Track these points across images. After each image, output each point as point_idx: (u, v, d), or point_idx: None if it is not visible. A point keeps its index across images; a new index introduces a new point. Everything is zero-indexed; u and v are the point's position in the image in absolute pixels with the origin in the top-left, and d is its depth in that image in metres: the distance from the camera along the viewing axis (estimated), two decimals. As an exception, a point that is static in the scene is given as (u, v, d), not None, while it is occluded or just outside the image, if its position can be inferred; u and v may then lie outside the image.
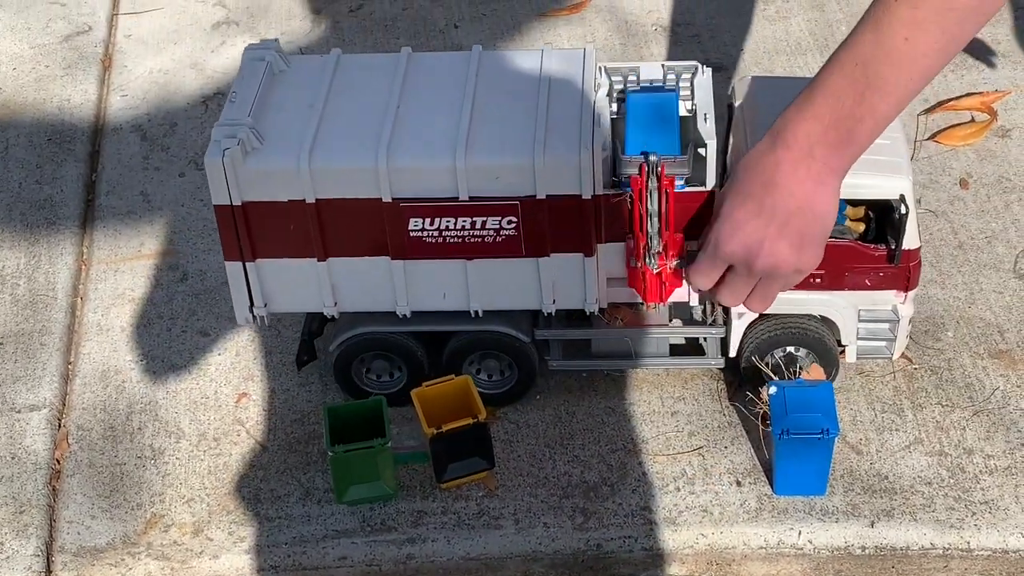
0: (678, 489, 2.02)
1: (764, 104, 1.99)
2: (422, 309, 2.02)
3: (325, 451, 2.01)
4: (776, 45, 2.91)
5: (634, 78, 1.97)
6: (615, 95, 1.96)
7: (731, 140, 2.06)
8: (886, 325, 2.04)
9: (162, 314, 2.36)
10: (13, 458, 2.12)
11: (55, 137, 2.76)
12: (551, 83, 1.98)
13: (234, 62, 2.94)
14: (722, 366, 2.10)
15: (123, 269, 2.46)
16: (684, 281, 1.93)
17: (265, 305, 2.02)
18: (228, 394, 2.21)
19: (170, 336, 2.32)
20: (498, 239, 1.93)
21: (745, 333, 2.05)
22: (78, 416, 2.19)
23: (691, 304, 2.02)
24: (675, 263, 1.91)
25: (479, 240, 1.93)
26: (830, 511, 1.98)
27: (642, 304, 2.00)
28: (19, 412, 2.20)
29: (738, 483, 2.03)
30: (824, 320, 2.04)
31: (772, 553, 1.97)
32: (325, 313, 2.04)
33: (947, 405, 2.12)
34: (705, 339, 2.10)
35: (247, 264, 1.97)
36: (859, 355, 2.07)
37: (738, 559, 1.97)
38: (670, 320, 2.07)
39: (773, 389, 1.95)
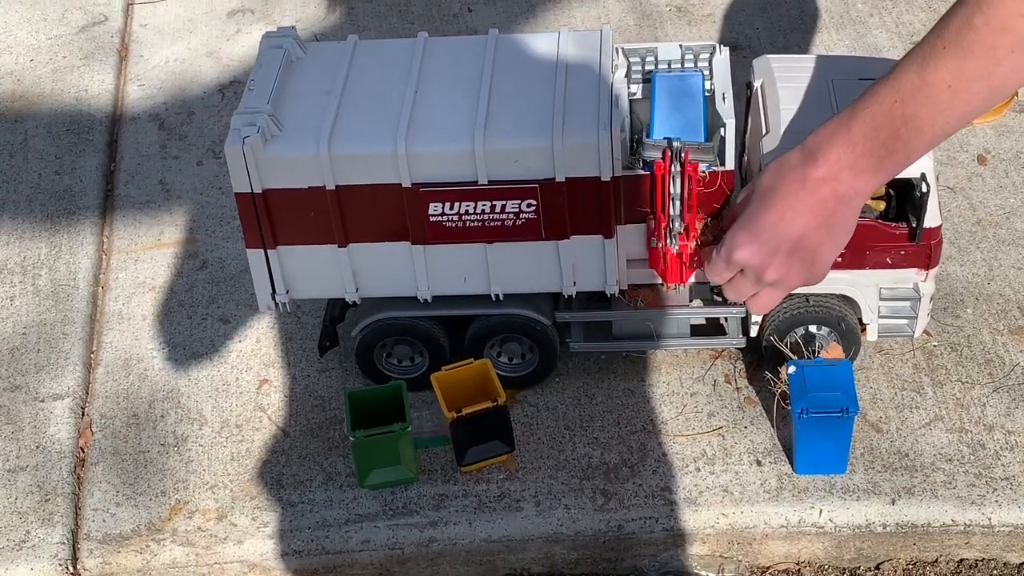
0: (698, 469, 2.03)
1: (782, 83, 1.98)
2: (443, 293, 2.03)
3: (346, 436, 2.02)
4: (791, 23, 2.90)
5: (652, 59, 1.97)
6: (640, 76, 1.96)
7: (749, 120, 2.06)
8: (907, 303, 2.03)
9: (183, 302, 2.38)
10: (38, 447, 2.14)
11: (73, 128, 2.77)
12: (568, 65, 1.98)
13: (250, 50, 2.95)
14: (743, 346, 2.10)
15: (143, 258, 2.48)
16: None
17: (287, 292, 2.03)
18: (249, 381, 2.23)
19: (191, 324, 2.34)
20: (518, 222, 1.94)
21: (767, 313, 2.05)
22: (101, 404, 2.21)
23: (711, 284, 2.02)
24: (695, 243, 1.91)
25: (499, 224, 1.94)
26: (851, 489, 1.98)
27: (662, 285, 2.01)
28: (43, 401, 2.21)
29: (758, 463, 2.03)
30: (845, 299, 2.03)
31: (793, 532, 1.97)
32: (347, 299, 2.04)
33: (967, 382, 2.12)
34: (726, 319, 2.10)
35: (268, 251, 1.98)
36: (880, 333, 2.07)
37: (759, 538, 1.98)
38: (690, 301, 2.08)
39: (792, 368, 1.95)
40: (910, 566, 1.99)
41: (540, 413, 2.13)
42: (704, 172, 1.86)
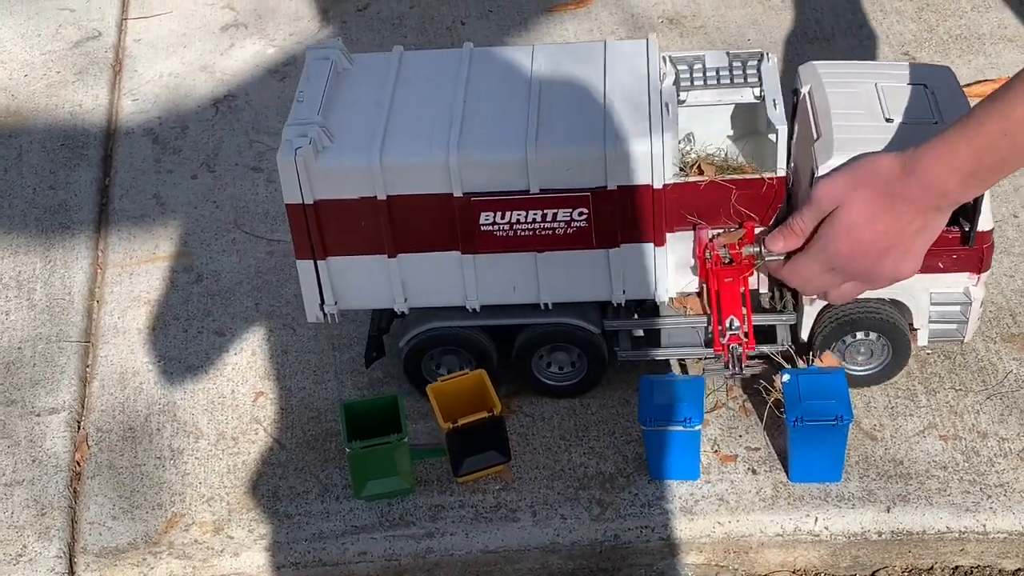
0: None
1: (831, 89, 1.98)
2: (492, 303, 2.02)
3: (342, 447, 2.02)
4: (782, 35, 2.92)
5: (700, 67, 1.97)
6: (689, 83, 1.96)
7: (796, 126, 2.05)
8: (958, 307, 2.02)
9: (178, 315, 2.38)
10: (34, 461, 2.14)
11: (68, 142, 2.78)
12: (616, 73, 1.98)
13: (243, 64, 2.96)
14: (793, 352, 2.09)
15: (138, 272, 2.48)
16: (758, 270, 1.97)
17: (335, 302, 2.03)
18: (245, 393, 2.23)
19: (186, 337, 2.34)
20: (569, 231, 1.94)
21: (817, 319, 2.04)
22: (97, 418, 2.21)
23: (760, 291, 2.02)
24: (748, 250, 1.92)
25: (550, 232, 1.94)
26: (846, 497, 1.99)
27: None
28: (39, 415, 2.21)
29: (753, 471, 2.04)
30: (895, 303, 2.03)
31: (789, 540, 1.97)
32: (395, 309, 2.04)
33: (960, 389, 2.13)
34: (774, 326, 2.09)
35: (318, 262, 1.98)
36: (931, 338, 2.06)
37: (755, 547, 1.98)
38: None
39: (786, 377, 1.95)
40: (905, 573, 2.00)
41: (535, 423, 2.13)
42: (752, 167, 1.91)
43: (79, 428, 2.20)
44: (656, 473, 2.02)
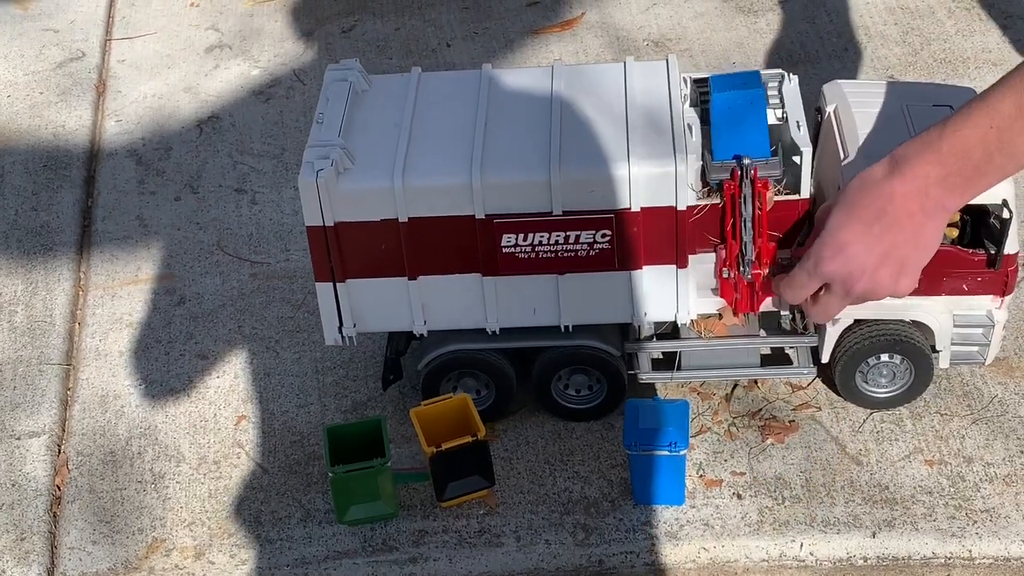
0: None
1: (857, 108, 1.98)
2: (512, 325, 2.01)
3: (325, 472, 2.01)
4: (767, 58, 2.92)
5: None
6: (699, 97, 1.96)
7: (820, 145, 2.05)
8: (980, 330, 2.02)
9: (160, 338, 2.37)
10: (13, 485, 2.12)
11: (50, 163, 2.76)
12: (637, 95, 1.98)
13: (228, 85, 2.96)
14: (813, 375, 2.08)
15: (120, 294, 2.46)
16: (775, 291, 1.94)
17: (354, 325, 2.02)
18: (227, 417, 2.22)
19: (168, 360, 2.32)
20: (591, 253, 1.93)
21: (839, 340, 2.04)
22: (78, 442, 2.19)
23: (781, 313, 2.02)
24: (768, 271, 1.91)
25: (572, 254, 1.93)
26: (831, 522, 1.98)
27: (733, 314, 2.00)
28: (19, 439, 2.20)
29: (739, 496, 2.03)
30: (918, 325, 2.03)
31: (774, 565, 1.96)
32: (414, 332, 2.03)
33: (946, 414, 2.13)
34: (794, 348, 2.08)
35: (337, 285, 1.97)
36: (952, 360, 2.06)
37: (740, 572, 1.97)
38: (760, 330, 2.06)
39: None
40: (891, 599, 1.99)
41: (520, 447, 2.12)
42: (775, 190, 1.87)
43: (59, 452, 2.18)
44: (641, 498, 2.01)
